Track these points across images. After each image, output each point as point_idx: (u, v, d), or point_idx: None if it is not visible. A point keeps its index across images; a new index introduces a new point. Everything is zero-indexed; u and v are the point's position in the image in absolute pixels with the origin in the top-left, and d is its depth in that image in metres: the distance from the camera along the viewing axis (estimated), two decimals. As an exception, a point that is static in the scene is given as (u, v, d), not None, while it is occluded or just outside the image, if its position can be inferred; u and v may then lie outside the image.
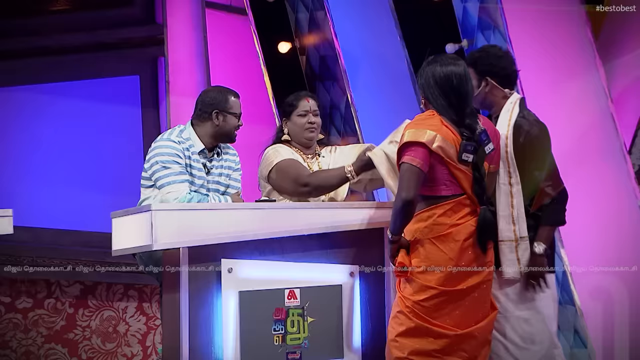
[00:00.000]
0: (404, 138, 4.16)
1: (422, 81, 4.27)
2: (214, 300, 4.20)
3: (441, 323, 4.16)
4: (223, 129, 4.77)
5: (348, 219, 4.42)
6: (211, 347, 4.19)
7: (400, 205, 4.11)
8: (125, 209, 4.39)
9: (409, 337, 4.15)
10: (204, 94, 4.85)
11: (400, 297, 4.19)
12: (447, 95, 4.22)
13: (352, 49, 6.80)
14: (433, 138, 4.13)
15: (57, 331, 6.61)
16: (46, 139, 6.89)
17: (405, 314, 4.16)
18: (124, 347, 6.75)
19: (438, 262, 4.16)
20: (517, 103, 4.43)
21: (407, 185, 4.10)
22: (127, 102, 7.09)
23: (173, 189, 4.62)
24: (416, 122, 4.20)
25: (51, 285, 6.60)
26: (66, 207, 6.80)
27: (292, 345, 4.31)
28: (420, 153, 4.12)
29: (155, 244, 4.11)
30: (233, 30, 7.04)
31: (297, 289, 4.33)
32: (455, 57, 4.34)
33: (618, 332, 5.67)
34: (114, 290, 6.72)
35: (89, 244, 6.62)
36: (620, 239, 5.96)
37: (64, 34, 6.98)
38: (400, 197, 4.11)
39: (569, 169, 5.70)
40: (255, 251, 4.28)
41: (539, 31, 6.05)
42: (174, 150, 4.68)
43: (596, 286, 5.79)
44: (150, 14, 7.13)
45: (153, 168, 4.69)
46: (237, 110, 4.79)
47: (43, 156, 6.86)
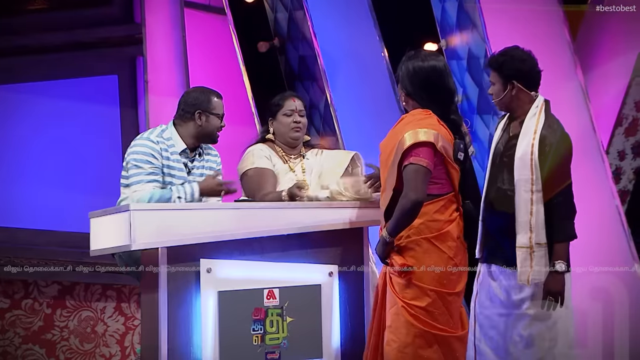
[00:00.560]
0: (408, 140, 4.11)
1: (403, 76, 4.25)
2: (193, 300, 4.20)
3: (446, 327, 4.14)
4: (205, 130, 4.76)
5: (327, 219, 4.43)
6: (190, 347, 4.18)
7: (410, 207, 4.06)
8: (103, 209, 4.37)
9: (419, 348, 4.11)
10: (187, 94, 4.85)
11: (404, 306, 4.12)
12: (430, 90, 4.22)
13: (331, 48, 6.80)
14: (437, 137, 4.13)
15: (34, 332, 6.57)
16: (24, 139, 6.85)
17: (412, 323, 4.10)
18: (102, 348, 6.72)
19: (438, 262, 4.14)
20: (542, 108, 4.38)
21: (416, 186, 4.07)
22: (105, 102, 7.06)
23: (139, 188, 4.62)
24: (416, 122, 4.17)
25: (29, 286, 6.56)
26: (44, 207, 6.76)
27: (271, 345, 4.30)
28: (427, 153, 4.11)
29: (134, 244, 4.10)
30: (212, 30, 7.02)
31: (276, 289, 4.33)
32: (436, 53, 4.35)
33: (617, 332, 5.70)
34: (92, 290, 6.69)
35: (67, 244, 6.58)
36: (598, 238, 5.99)
37: (42, 33, 6.94)
38: (409, 198, 4.06)
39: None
40: (235, 251, 4.28)
41: (517, 31, 6.07)
42: (149, 149, 4.67)
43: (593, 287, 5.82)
44: (128, 14, 7.10)
45: (128, 166, 4.69)
46: (219, 111, 4.78)
47: (20, 156, 6.82)
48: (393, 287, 4.18)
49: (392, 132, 4.27)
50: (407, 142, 4.11)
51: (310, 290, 4.39)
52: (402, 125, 4.23)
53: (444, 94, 4.24)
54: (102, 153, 6.86)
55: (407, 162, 4.10)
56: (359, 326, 4.48)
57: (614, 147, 6.97)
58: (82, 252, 5.20)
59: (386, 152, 4.24)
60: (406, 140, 4.12)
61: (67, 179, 6.81)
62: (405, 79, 4.25)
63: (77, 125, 6.94)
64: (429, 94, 4.22)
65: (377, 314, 4.30)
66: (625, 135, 6.97)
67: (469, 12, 6.09)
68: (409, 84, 4.24)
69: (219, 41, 7.00)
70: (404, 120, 4.25)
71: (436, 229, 4.15)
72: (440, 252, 4.14)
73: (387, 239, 4.13)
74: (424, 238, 4.15)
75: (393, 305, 4.17)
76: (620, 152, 6.99)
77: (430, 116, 4.20)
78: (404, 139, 4.13)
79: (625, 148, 6.99)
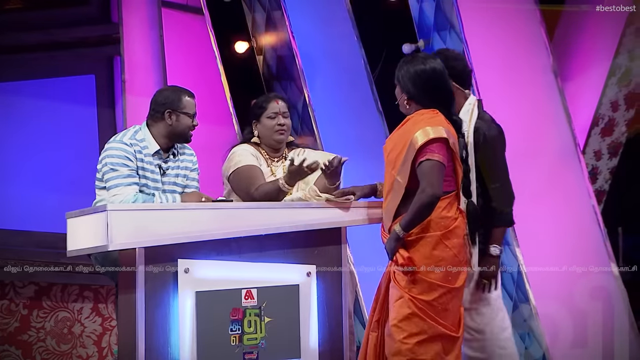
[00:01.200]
0: (421, 137, 4.16)
1: (404, 79, 4.31)
2: (171, 301, 4.19)
3: (447, 324, 4.20)
4: (176, 129, 4.73)
5: (305, 218, 4.43)
6: (168, 347, 4.17)
7: (428, 202, 4.12)
8: (80, 209, 4.35)
9: (422, 341, 4.16)
10: (158, 93, 4.80)
11: (411, 299, 4.17)
12: (433, 92, 4.28)
13: (309, 48, 6.80)
14: (448, 134, 4.21)
15: (10, 333, 6.54)
16: (0, 138, 6.82)
17: (420, 316, 4.16)
18: (79, 349, 6.70)
19: (445, 259, 4.20)
20: (475, 105, 4.55)
21: (433, 181, 4.13)
22: (82, 102, 7.04)
23: (119, 191, 4.59)
24: (426, 121, 4.22)
25: (5, 287, 6.53)
26: (20, 207, 6.73)
27: (249, 346, 4.30)
28: (441, 148, 4.18)
29: (111, 244, 4.08)
30: (189, 30, 7.01)
31: (254, 289, 4.32)
32: (432, 55, 4.40)
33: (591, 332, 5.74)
34: (69, 291, 6.66)
35: (43, 244, 6.56)
36: (574, 238, 6.02)
37: (19, 33, 6.91)
38: (427, 193, 4.12)
39: (524, 168, 5.76)
40: (212, 251, 4.27)
41: (494, 32, 6.09)
42: (124, 152, 4.64)
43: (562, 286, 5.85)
44: (106, 13, 7.08)
45: (103, 170, 4.66)
46: (190, 110, 4.74)
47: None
48: (398, 282, 4.22)
49: (400, 132, 4.31)
50: (420, 140, 4.17)
51: (288, 290, 4.39)
52: (411, 124, 4.27)
53: (445, 95, 4.33)
54: (79, 153, 6.84)
55: (422, 159, 4.16)
56: (337, 326, 4.48)
57: (591, 147, 7.01)
58: (59, 252, 5.18)
59: (395, 151, 4.27)
60: (419, 138, 4.18)
61: (44, 178, 6.78)
62: (408, 83, 4.30)
63: (54, 125, 6.91)
64: (432, 95, 4.29)
65: (378, 311, 4.33)
66: (602, 135, 7.01)
67: (446, 12, 6.10)
68: (411, 87, 4.29)
69: (196, 41, 6.99)
70: (412, 119, 4.29)
71: (444, 226, 4.21)
72: (447, 249, 4.20)
73: (401, 234, 4.18)
74: (432, 235, 4.21)
75: (398, 299, 4.21)
76: (596, 152, 7.03)
77: (438, 115, 4.27)
78: (416, 137, 4.18)
79: (601, 148, 7.03)
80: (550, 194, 6.03)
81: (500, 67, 6.07)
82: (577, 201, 6.05)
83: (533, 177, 5.97)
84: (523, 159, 5.86)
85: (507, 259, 5.78)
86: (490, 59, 6.04)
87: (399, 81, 4.34)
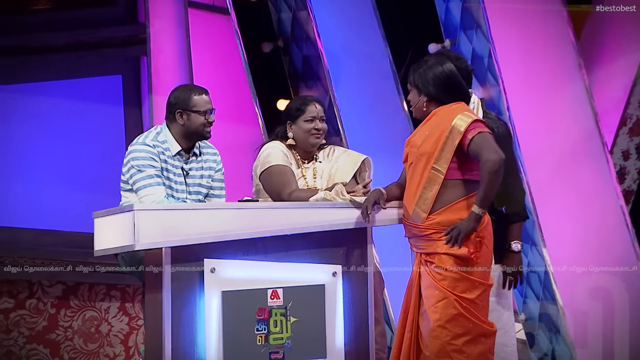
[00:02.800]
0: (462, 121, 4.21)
1: (424, 82, 4.36)
2: (197, 300, 4.20)
3: (487, 321, 4.25)
4: (189, 128, 4.71)
5: (331, 218, 4.42)
6: (194, 347, 4.18)
7: (496, 168, 4.13)
8: (107, 209, 4.37)
9: (468, 342, 4.19)
10: (170, 94, 4.79)
11: (457, 299, 4.19)
12: (453, 91, 4.35)
13: (335, 48, 6.80)
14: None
15: (39, 332, 6.58)
16: (28, 139, 6.86)
17: (465, 316, 4.19)
18: (106, 348, 6.73)
19: (487, 256, 4.26)
20: (479, 103, 4.60)
21: (493, 148, 4.17)
22: (109, 102, 7.06)
23: (149, 192, 4.59)
24: (458, 110, 4.28)
25: (33, 286, 6.57)
26: (48, 207, 6.77)
27: (274, 345, 4.30)
28: (484, 125, 4.26)
29: (138, 244, 4.09)
30: (216, 30, 7.02)
31: (280, 289, 4.33)
32: (443, 56, 4.42)
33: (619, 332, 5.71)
34: (96, 290, 6.69)
35: (71, 244, 6.59)
36: (601, 238, 5.99)
37: (47, 33, 6.94)
38: (492, 160, 4.13)
39: (551, 168, 5.73)
40: (238, 251, 4.28)
41: (521, 31, 6.07)
42: (148, 153, 4.64)
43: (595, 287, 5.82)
44: (132, 14, 7.10)
45: (130, 172, 4.66)
46: (201, 107, 4.70)
47: (24, 155, 6.83)
48: (439, 282, 4.22)
49: (431, 125, 4.33)
50: (463, 124, 4.22)
51: (314, 290, 4.39)
52: (442, 115, 4.30)
53: (465, 90, 4.40)
54: (107, 153, 6.86)
55: (471, 136, 4.21)
56: (362, 326, 4.48)
57: (618, 147, 6.97)
58: (86, 252, 5.20)
59: (429, 143, 4.28)
60: (460, 123, 4.23)
61: (71, 179, 6.81)
62: (428, 85, 4.35)
63: (81, 125, 6.94)
64: (453, 94, 4.35)
65: (412, 311, 4.32)
66: (630, 135, 6.97)
67: (473, 11, 6.09)
68: (432, 88, 4.34)
69: (222, 41, 7.00)
70: (440, 112, 4.33)
71: (484, 220, 4.25)
72: (489, 245, 4.26)
73: (481, 213, 4.20)
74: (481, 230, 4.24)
75: (441, 300, 4.21)
76: (624, 152, 6.99)
77: (464, 104, 4.36)
78: (456, 123, 4.24)
79: (629, 148, 6.99)
80: (577, 194, 6.00)
81: (526, 67, 6.05)
82: (604, 201, 6.02)
83: (560, 177, 5.94)
84: (550, 158, 5.84)
85: (534, 259, 5.76)
86: (516, 58, 6.02)
87: (416, 85, 4.39)
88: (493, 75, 5.99)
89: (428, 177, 4.26)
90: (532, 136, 4.58)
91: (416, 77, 4.38)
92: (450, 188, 4.24)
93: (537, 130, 4.74)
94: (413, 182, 4.33)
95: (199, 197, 4.76)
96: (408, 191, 4.36)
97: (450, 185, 4.24)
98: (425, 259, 4.30)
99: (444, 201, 4.24)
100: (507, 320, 4.58)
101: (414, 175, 4.33)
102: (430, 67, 4.36)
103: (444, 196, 4.24)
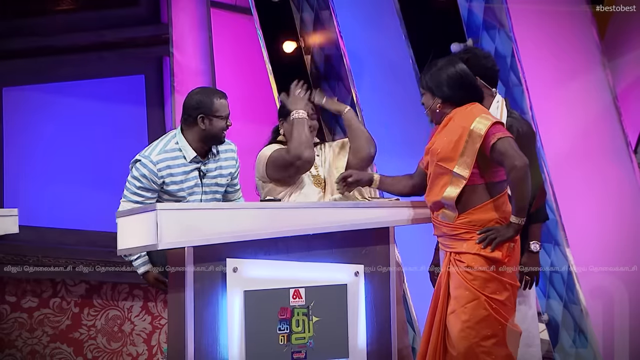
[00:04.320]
0: (481, 125, 4.19)
1: (438, 84, 4.34)
2: (219, 300, 4.21)
3: (515, 322, 4.26)
4: (210, 133, 4.70)
5: (353, 218, 4.42)
6: (216, 346, 4.19)
7: (523, 174, 4.14)
8: (130, 209, 4.39)
9: (501, 344, 4.20)
10: (189, 97, 4.75)
11: (487, 300, 4.19)
12: (467, 91, 4.34)
13: (357, 48, 6.79)
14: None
15: (62, 330, 6.62)
16: (52, 139, 6.90)
17: (495, 317, 4.19)
18: (130, 347, 6.75)
19: (517, 257, 4.28)
20: (503, 102, 4.59)
21: (517, 153, 4.16)
22: (132, 102, 7.09)
23: (122, 206, 4.66)
24: (476, 112, 4.27)
25: (56, 285, 6.60)
26: (71, 206, 6.80)
27: (297, 345, 4.31)
28: (504, 128, 4.26)
29: (160, 243, 4.10)
30: (238, 30, 7.04)
31: (302, 289, 4.33)
32: (455, 57, 4.44)
33: (618, 331, 5.67)
34: (119, 289, 6.72)
35: (94, 243, 6.62)
36: (625, 239, 5.96)
37: (70, 34, 6.98)
38: (518, 167, 4.12)
39: (574, 167, 5.71)
40: (260, 251, 4.28)
41: (544, 31, 6.04)
42: (145, 171, 4.66)
43: (598, 286, 5.79)
44: (155, 14, 7.13)
45: (127, 180, 4.74)
46: (223, 112, 4.70)
47: (49, 155, 6.87)
48: (470, 282, 4.21)
49: (449, 129, 4.31)
50: (482, 127, 4.21)
51: (336, 290, 4.39)
52: (458, 119, 4.29)
53: (479, 90, 4.39)
54: (129, 153, 6.87)
55: (493, 140, 4.19)
56: (385, 326, 4.48)
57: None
58: (110, 251, 5.23)
59: (448, 147, 4.27)
60: (479, 126, 4.22)
61: (94, 178, 6.84)
62: (442, 86, 4.33)
63: (104, 125, 6.97)
64: (467, 94, 4.34)
65: (440, 312, 4.31)
66: (654, 135, 6.92)
67: (495, 12, 6.07)
68: (447, 90, 4.32)
69: (244, 41, 7.01)
70: (457, 115, 4.31)
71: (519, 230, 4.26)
72: (518, 246, 4.27)
73: (520, 222, 4.20)
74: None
75: (472, 300, 4.20)
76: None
77: (478, 105, 4.34)
78: (476, 126, 4.22)
79: (653, 147, 6.94)
80: (601, 193, 5.97)
81: (550, 67, 6.02)
82: (628, 201, 5.98)
83: (583, 177, 5.91)
84: (573, 158, 5.81)
85: (557, 259, 5.73)
86: (539, 58, 5.99)
87: (429, 88, 4.37)
88: (516, 75, 5.97)
89: (449, 179, 4.25)
90: (556, 136, 4.57)
91: (429, 80, 4.37)
92: (475, 193, 4.23)
93: (560, 129, 4.72)
94: (435, 188, 4.32)
95: (215, 196, 4.76)
96: (431, 197, 4.35)
97: (475, 190, 4.23)
98: (455, 258, 4.28)
99: (472, 203, 4.24)
100: (531, 320, 4.56)
101: (436, 182, 4.32)
102: (442, 69, 4.34)
103: (470, 200, 4.24)
